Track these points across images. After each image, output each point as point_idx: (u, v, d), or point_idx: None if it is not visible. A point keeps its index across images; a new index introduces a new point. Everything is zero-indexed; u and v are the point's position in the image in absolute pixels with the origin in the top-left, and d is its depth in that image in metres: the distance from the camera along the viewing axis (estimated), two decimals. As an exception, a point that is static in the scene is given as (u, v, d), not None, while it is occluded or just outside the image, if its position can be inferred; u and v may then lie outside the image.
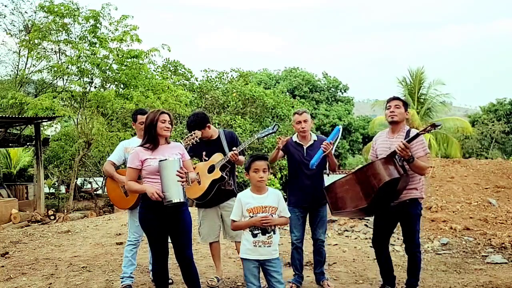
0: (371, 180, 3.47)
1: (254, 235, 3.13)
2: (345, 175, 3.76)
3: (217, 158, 4.11)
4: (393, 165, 3.49)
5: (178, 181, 3.21)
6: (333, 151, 4.07)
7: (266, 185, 3.29)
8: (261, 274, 3.24)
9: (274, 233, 3.16)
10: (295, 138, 4.24)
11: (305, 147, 4.15)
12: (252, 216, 3.14)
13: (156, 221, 3.34)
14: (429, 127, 3.47)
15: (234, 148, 4.03)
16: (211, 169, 4.10)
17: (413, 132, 3.69)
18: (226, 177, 4.08)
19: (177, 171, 3.22)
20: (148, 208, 3.36)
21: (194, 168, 3.90)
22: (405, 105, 3.82)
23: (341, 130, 4.19)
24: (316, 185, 4.05)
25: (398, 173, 3.46)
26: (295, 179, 4.16)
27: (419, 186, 3.72)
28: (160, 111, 3.44)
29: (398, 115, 3.74)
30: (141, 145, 3.43)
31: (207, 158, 4.17)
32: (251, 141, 4.18)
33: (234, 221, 3.21)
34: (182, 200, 3.24)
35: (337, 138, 4.11)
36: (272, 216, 3.14)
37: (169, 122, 3.41)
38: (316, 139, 4.19)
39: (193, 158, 4.17)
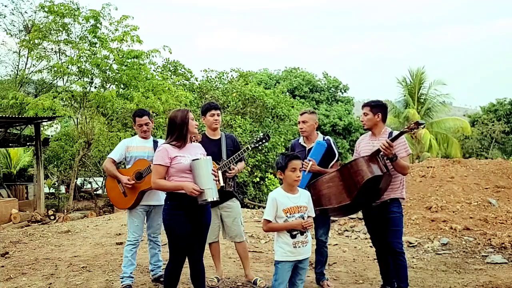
0: (354, 177, 3.50)
1: (293, 236, 3.09)
2: (330, 172, 3.78)
3: None
4: (376, 163, 3.54)
5: (213, 179, 3.23)
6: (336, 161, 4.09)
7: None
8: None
9: (308, 231, 3.17)
10: (301, 139, 4.31)
11: (307, 149, 4.17)
12: (289, 217, 3.08)
13: (183, 222, 3.26)
14: (413, 125, 3.52)
15: (224, 162, 4.05)
16: None
17: (396, 134, 3.72)
18: (225, 184, 4.10)
19: (212, 169, 3.25)
20: (175, 208, 3.28)
21: None
22: (374, 108, 3.85)
23: (332, 143, 4.18)
24: None
25: (380, 170, 3.50)
26: None
27: (400, 187, 3.79)
28: (187, 109, 3.44)
29: (366, 123, 3.91)
30: (167, 143, 3.35)
31: None
32: (242, 155, 4.15)
33: (268, 221, 3.10)
34: (216, 199, 3.24)
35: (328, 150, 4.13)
36: (305, 215, 3.14)
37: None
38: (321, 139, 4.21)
39: None
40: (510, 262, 5.33)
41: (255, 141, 4.23)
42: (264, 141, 4.20)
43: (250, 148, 4.15)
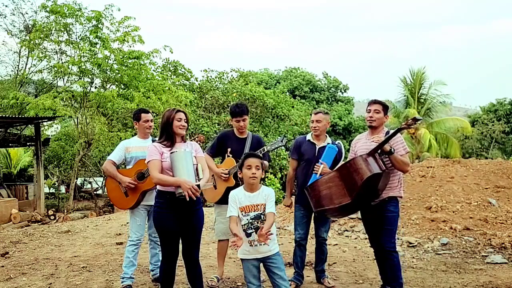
0: (354, 176, 3.49)
1: (248, 235, 3.09)
2: (328, 172, 3.77)
3: (228, 164, 4.18)
4: (375, 161, 3.53)
5: (192, 173, 3.20)
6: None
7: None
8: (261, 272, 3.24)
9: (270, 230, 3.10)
10: (308, 137, 4.28)
11: (317, 147, 4.18)
12: (244, 215, 3.11)
13: (171, 219, 3.30)
14: (410, 120, 3.50)
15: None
16: None
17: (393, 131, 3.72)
18: (240, 182, 4.12)
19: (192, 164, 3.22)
20: (163, 206, 3.33)
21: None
22: (385, 108, 3.86)
23: (342, 148, 4.20)
24: None
25: (379, 168, 3.49)
26: (303, 177, 4.16)
27: (398, 185, 3.78)
28: (176, 109, 3.45)
29: (376, 120, 3.82)
30: (158, 142, 3.43)
31: (230, 155, 4.22)
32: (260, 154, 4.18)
33: (232, 217, 3.16)
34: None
35: (339, 154, 4.17)
36: (263, 214, 3.11)
37: (185, 121, 3.43)
38: (330, 143, 4.22)
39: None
40: (510, 262, 5.33)
41: (273, 142, 4.27)
42: (281, 145, 4.24)
43: (266, 149, 4.15)
